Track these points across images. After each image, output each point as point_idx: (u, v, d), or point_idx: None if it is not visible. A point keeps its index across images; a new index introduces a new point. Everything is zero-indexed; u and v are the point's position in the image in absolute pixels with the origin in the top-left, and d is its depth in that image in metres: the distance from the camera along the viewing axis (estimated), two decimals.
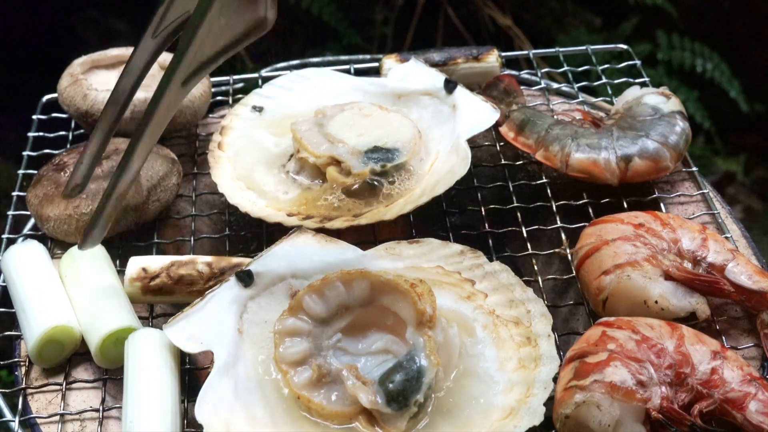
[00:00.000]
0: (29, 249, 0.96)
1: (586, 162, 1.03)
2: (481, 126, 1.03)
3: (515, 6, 2.16)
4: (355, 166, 1.01)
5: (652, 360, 0.77)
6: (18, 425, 0.84)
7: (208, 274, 0.90)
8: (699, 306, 0.86)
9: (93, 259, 0.93)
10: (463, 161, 0.99)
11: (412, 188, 1.01)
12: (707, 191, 1.06)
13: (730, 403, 0.75)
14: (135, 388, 0.80)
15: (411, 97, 1.14)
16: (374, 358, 0.81)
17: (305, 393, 0.78)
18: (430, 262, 0.91)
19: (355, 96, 1.14)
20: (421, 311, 0.78)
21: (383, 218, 0.96)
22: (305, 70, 1.20)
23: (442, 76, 1.12)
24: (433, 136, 1.08)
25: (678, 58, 2.09)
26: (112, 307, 0.88)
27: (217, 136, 1.09)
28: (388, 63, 1.19)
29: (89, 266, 0.93)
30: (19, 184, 1.09)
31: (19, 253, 0.95)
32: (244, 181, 1.04)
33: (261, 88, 1.17)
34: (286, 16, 2.18)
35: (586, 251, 0.92)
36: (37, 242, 0.97)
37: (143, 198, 1.02)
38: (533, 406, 0.76)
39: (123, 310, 0.88)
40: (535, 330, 0.84)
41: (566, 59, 1.28)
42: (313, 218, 0.98)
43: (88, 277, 0.91)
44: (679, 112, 1.08)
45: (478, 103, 1.07)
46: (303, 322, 0.81)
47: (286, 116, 1.12)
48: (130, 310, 0.89)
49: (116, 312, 0.87)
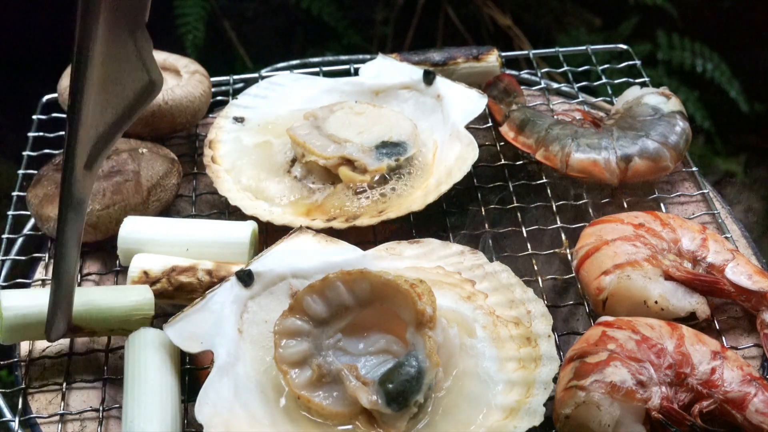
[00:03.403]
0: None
1: (586, 162, 1.03)
2: (475, 111, 1.06)
3: (515, 6, 2.16)
4: (370, 163, 1.01)
5: (652, 360, 0.77)
6: (18, 425, 0.84)
7: (207, 282, 0.90)
8: (699, 306, 0.86)
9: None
10: (470, 146, 1.00)
11: (425, 179, 1.02)
12: (707, 191, 1.06)
13: (730, 403, 0.75)
14: (135, 388, 0.80)
15: (389, 92, 1.14)
16: (374, 359, 0.81)
17: (305, 393, 0.78)
18: (430, 262, 0.91)
19: (332, 97, 1.15)
20: (422, 311, 0.78)
21: (411, 209, 0.97)
22: (276, 77, 1.20)
23: (417, 69, 1.14)
24: (422, 128, 1.09)
25: (678, 58, 2.09)
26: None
27: (207, 150, 1.08)
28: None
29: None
30: (19, 184, 1.09)
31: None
32: (251, 192, 1.04)
33: (236, 99, 1.16)
34: (286, 16, 2.18)
35: (586, 251, 0.92)
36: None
37: (143, 198, 1.02)
38: (533, 406, 0.76)
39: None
40: (535, 330, 0.84)
41: (566, 59, 1.28)
42: (337, 219, 0.98)
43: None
44: (680, 112, 1.08)
45: (463, 90, 1.09)
46: (303, 322, 0.81)
47: (269, 123, 1.12)
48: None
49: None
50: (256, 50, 2.14)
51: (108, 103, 0.66)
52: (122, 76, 0.66)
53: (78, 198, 0.69)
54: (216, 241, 0.96)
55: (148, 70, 0.67)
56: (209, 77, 1.18)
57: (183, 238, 0.96)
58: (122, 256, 0.96)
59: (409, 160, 1.04)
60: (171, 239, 0.96)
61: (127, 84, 0.67)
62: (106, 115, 0.66)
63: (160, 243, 0.95)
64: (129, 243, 0.96)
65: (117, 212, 0.99)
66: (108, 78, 0.65)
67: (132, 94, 0.67)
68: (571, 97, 1.24)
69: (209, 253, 0.94)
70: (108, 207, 0.99)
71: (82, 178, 0.68)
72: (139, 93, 0.68)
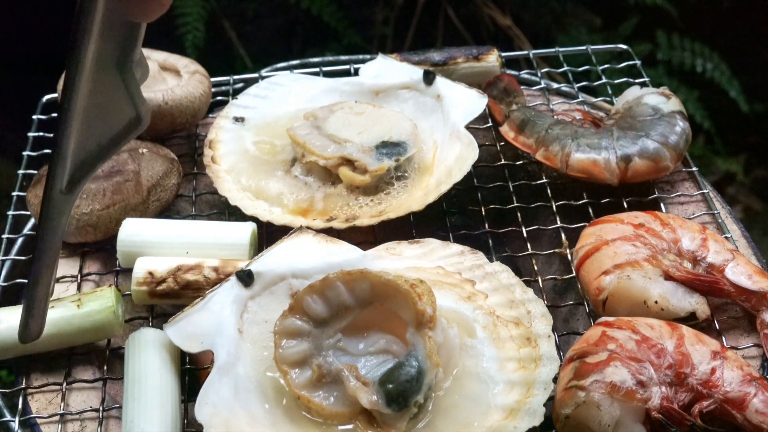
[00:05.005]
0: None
1: (586, 162, 1.03)
2: (475, 111, 1.06)
3: (515, 6, 2.16)
4: (371, 164, 1.01)
5: (652, 360, 0.77)
6: (18, 425, 0.84)
7: (214, 279, 0.91)
8: (699, 306, 0.86)
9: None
10: (470, 146, 1.00)
11: (425, 179, 1.02)
12: (707, 191, 1.06)
13: (730, 403, 0.75)
14: (135, 388, 0.80)
15: (389, 92, 1.14)
16: (374, 359, 0.81)
17: (305, 393, 0.78)
18: (430, 262, 0.91)
19: (332, 97, 1.15)
20: (422, 312, 0.78)
21: (411, 209, 0.97)
22: (277, 77, 1.20)
23: (417, 69, 1.14)
24: (423, 128, 1.09)
25: (678, 58, 2.09)
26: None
27: (207, 151, 1.08)
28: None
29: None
30: (19, 184, 1.09)
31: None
32: (251, 192, 1.04)
33: (236, 98, 1.16)
34: (286, 16, 2.18)
35: (586, 251, 0.92)
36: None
37: (143, 198, 1.02)
38: (533, 406, 0.76)
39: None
40: (536, 330, 0.84)
41: (566, 59, 1.28)
42: (337, 219, 0.98)
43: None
44: (679, 112, 1.08)
45: (463, 90, 1.09)
46: (303, 322, 0.81)
47: (269, 123, 1.12)
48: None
49: None
50: (256, 50, 2.15)
51: (92, 132, 0.67)
52: (109, 109, 0.67)
53: (55, 217, 0.69)
54: (216, 242, 0.96)
55: (136, 105, 0.68)
56: (209, 77, 1.18)
57: (182, 240, 0.96)
58: (122, 259, 0.96)
59: (409, 160, 1.04)
60: (170, 241, 0.96)
61: (113, 116, 0.68)
62: (89, 143, 0.68)
63: (160, 245, 0.95)
64: (128, 245, 0.95)
65: (117, 212, 0.99)
66: (95, 108, 0.66)
67: (118, 127, 0.69)
68: (571, 97, 1.24)
69: (209, 254, 0.94)
70: (108, 207, 0.99)
71: (61, 201, 0.69)
72: (125, 126, 0.69)
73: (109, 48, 0.64)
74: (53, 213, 0.69)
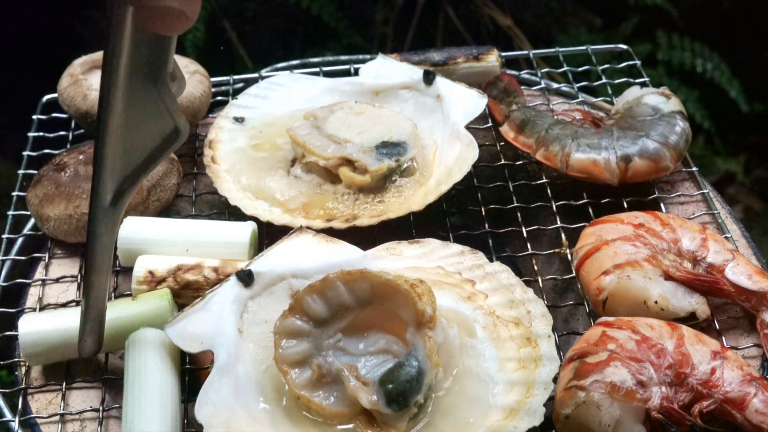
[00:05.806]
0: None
1: (586, 162, 1.03)
2: (475, 111, 1.06)
3: (515, 6, 2.16)
4: (371, 164, 1.01)
5: (652, 360, 0.77)
6: (18, 425, 0.84)
7: (214, 279, 0.91)
8: (699, 306, 0.86)
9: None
10: (470, 146, 1.00)
11: (425, 179, 1.02)
12: (707, 191, 1.06)
13: (730, 403, 0.75)
14: (135, 388, 0.80)
15: (389, 92, 1.14)
16: (374, 359, 0.81)
17: (305, 393, 0.78)
18: (430, 262, 0.91)
19: (332, 97, 1.15)
20: (422, 312, 0.78)
21: (411, 209, 0.97)
22: (277, 77, 1.20)
23: (417, 69, 1.14)
24: (423, 128, 1.09)
25: (678, 58, 2.09)
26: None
27: (207, 151, 1.08)
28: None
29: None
30: (19, 184, 1.09)
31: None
32: (251, 191, 1.04)
33: (236, 98, 1.16)
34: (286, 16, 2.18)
35: (586, 251, 0.92)
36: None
37: (143, 198, 1.02)
38: (533, 406, 0.76)
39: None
40: (536, 330, 0.84)
41: (566, 59, 1.28)
42: (337, 219, 0.98)
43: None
44: (679, 112, 1.08)
45: (463, 90, 1.09)
46: (303, 322, 0.81)
47: (269, 124, 1.12)
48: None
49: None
50: (256, 50, 2.14)
51: (133, 146, 0.70)
52: (146, 123, 0.70)
53: (104, 232, 0.73)
54: (216, 241, 0.96)
55: (174, 118, 0.70)
56: (209, 77, 1.18)
57: (183, 239, 0.96)
58: (122, 257, 0.96)
59: (409, 160, 1.04)
60: (171, 239, 0.96)
61: (152, 129, 0.70)
62: (131, 157, 0.70)
63: (160, 243, 0.96)
64: (129, 243, 0.96)
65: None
66: (133, 123, 0.68)
67: (158, 139, 0.71)
68: (571, 97, 1.24)
69: (209, 253, 0.94)
70: None
71: (108, 215, 0.72)
72: (165, 139, 0.71)
73: (142, 62, 0.66)
74: (102, 228, 0.72)
